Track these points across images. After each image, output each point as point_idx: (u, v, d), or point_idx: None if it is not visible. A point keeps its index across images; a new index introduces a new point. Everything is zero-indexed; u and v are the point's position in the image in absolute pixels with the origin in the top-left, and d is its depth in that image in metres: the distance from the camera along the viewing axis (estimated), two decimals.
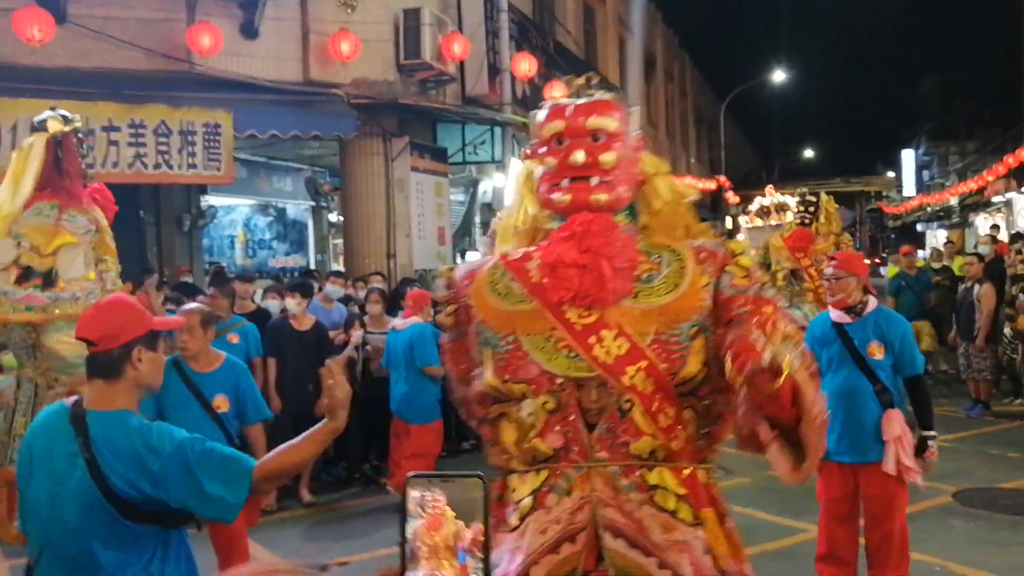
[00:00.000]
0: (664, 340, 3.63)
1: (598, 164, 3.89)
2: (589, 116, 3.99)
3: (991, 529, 8.92)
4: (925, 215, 54.81)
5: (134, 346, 3.86)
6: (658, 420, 3.63)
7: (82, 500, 3.70)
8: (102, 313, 3.98)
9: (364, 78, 15.99)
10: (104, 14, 13.19)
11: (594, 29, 30.39)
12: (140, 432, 3.76)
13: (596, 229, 3.78)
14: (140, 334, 3.89)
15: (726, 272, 3.72)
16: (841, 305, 6.96)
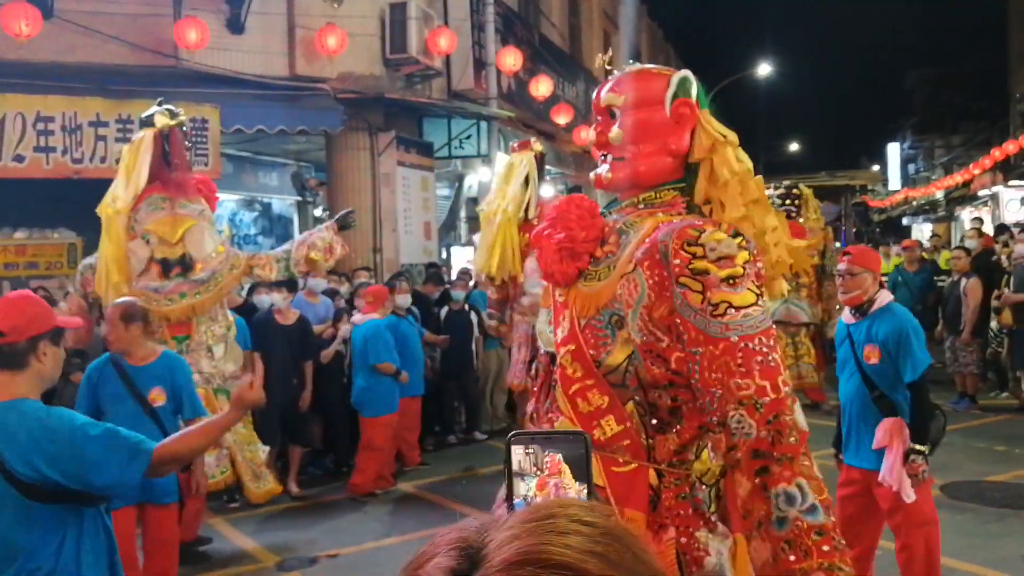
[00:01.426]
0: (594, 325, 3.59)
1: (608, 142, 3.84)
2: (600, 94, 3.93)
3: (979, 522, 8.96)
4: (910, 209, 54.91)
5: (40, 340, 4.00)
6: (577, 405, 3.60)
7: None
8: (11, 306, 4.09)
9: (350, 72, 15.98)
10: (91, 9, 13.15)
11: (579, 23, 30.36)
12: (35, 415, 3.88)
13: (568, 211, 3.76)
14: (46, 329, 4.04)
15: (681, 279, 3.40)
16: (855, 302, 6.60)
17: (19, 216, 13.35)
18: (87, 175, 12.61)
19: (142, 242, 8.28)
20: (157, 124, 8.51)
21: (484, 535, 1.08)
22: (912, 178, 63.57)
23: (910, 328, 6.40)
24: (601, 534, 1.07)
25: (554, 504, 1.14)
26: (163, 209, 8.39)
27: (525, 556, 1.02)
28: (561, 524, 1.07)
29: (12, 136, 12.32)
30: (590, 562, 1.03)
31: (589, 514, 1.11)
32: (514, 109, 20.27)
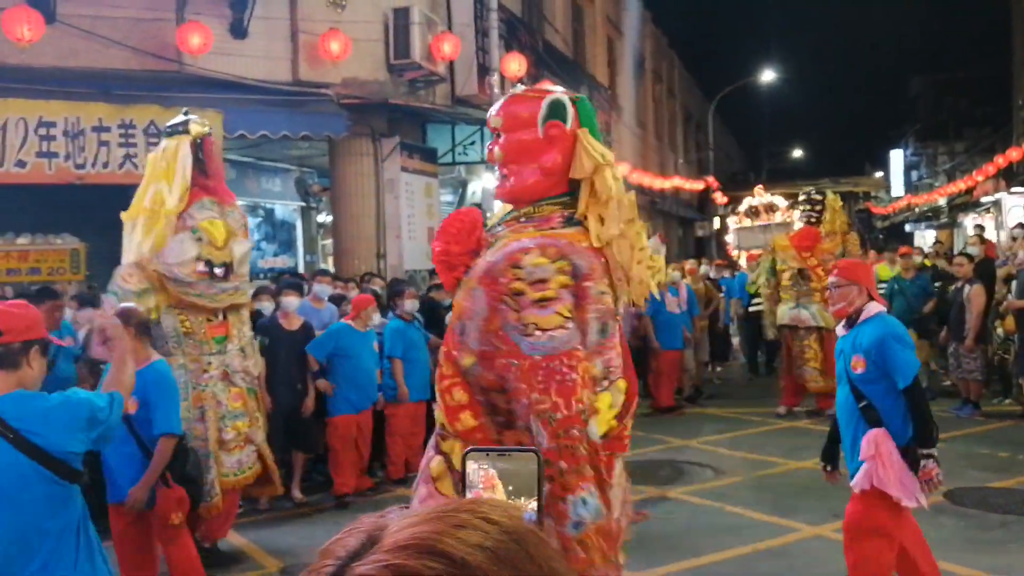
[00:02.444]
0: (455, 331, 3.99)
1: (493, 160, 4.20)
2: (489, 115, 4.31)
3: (982, 528, 8.94)
4: (913, 215, 54.86)
5: (33, 345, 4.14)
6: (445, 400, 4.05)
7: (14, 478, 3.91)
8: (14, 308, 4.26)
9: (354, 78, 15.98)
10: (93, 13, 13.14)
11: (583, 29, 30.39)
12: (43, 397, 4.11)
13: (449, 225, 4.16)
14: (39, 336, 4.20)
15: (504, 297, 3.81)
16: (842, 315, 6.61)
17: (22, 221, 13.34)
18: (90, 180, 12.60)
19: (191, 237, 8.32)
20: (192, 132, 8.57)
21: (387, 524, 1.11)
22: (915, 185, 63.54)
23: (891, 336, 6.37)
24: (500, 531, 1.09)
25: (469, 501, 1.19)
26: (213, 212, 8.48)
27: (413, 542, 1.05)
28: (463, 518, 1.10)
29: (14, 141, 12.31)
30: (475, 555, 1.04)
31: (496, 512, 1.13)
32: None
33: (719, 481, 11.07)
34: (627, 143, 33.94)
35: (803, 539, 8.79)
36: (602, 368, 3.71)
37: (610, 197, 3.94)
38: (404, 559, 1.03)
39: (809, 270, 14.58)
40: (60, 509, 3.99)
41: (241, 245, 8.74)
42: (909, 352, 6.36)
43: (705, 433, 13.70)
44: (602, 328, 3.77)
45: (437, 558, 1.03)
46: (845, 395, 6.58)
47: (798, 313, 14.52)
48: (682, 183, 42.29)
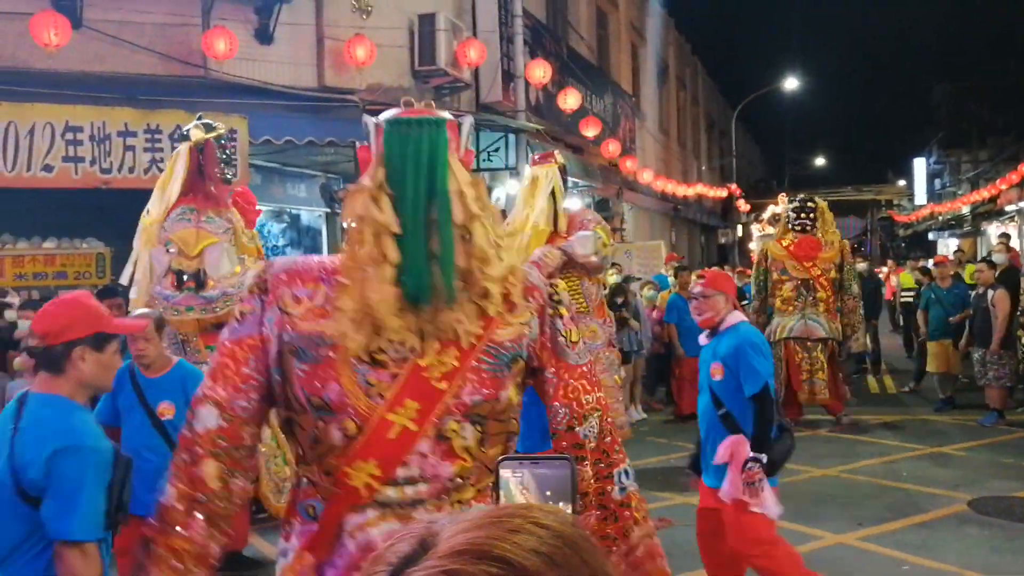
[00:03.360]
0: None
1: None
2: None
3: (1007, 537, 8.89)
4: (936, 224, 54.74)
5: (76, 345, 3.96)
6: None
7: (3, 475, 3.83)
8: (52, 309, 4.11)
9: (379, 84, 16.02)
10: (119, 19, 13.22)
11: (607, 35, 30.40)
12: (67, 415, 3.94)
13: None
14: (85, 334, 3.99)
15: None
16: (709, 324, 6.73)
17: (48, 226, 13.39)
18: (116, 185, 12.65)
19: (163, 249, 8.34)
20: (192, 138, 8.60)
21: (440, 529, 1.12)
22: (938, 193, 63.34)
23: (748, 344, 6.51)
24: (553, 536, 1.10)
25: (520, 506, 1.21)
26: (189, 220, 8.44)
27: (468, 547, 1.06)
28: (516, 523, 1.10)
29: (41, 146, 12.35)
30: (531, 560, 1.05)
31: (548, 517, 1.13)
32: (542, 122, 20.29)
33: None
34: (650, 150, 33.94)
35: (826, 547, 8.78)
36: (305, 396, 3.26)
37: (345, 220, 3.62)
38: (461, 564, 1.04)
39: (814, 280, 14.33)
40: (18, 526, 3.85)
41: (213, 250, 8.63)
42: (762, 361, 6.52)
43: None
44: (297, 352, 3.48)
45: (494, 563, 1.04)
46: (706, 403, 6.73)
47: (806, 325, 14.23)
48: (705, 190, 42.24)
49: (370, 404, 3.21)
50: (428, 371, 3.22)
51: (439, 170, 3.35)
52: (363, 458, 3.22)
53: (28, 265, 12.97)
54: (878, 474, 11.40)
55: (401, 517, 3.20)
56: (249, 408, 3.36)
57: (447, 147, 3.38)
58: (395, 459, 3.21)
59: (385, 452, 3.21)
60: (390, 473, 3.22)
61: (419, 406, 3.20)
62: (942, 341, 15.54)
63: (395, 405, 3.20)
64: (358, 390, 3.22)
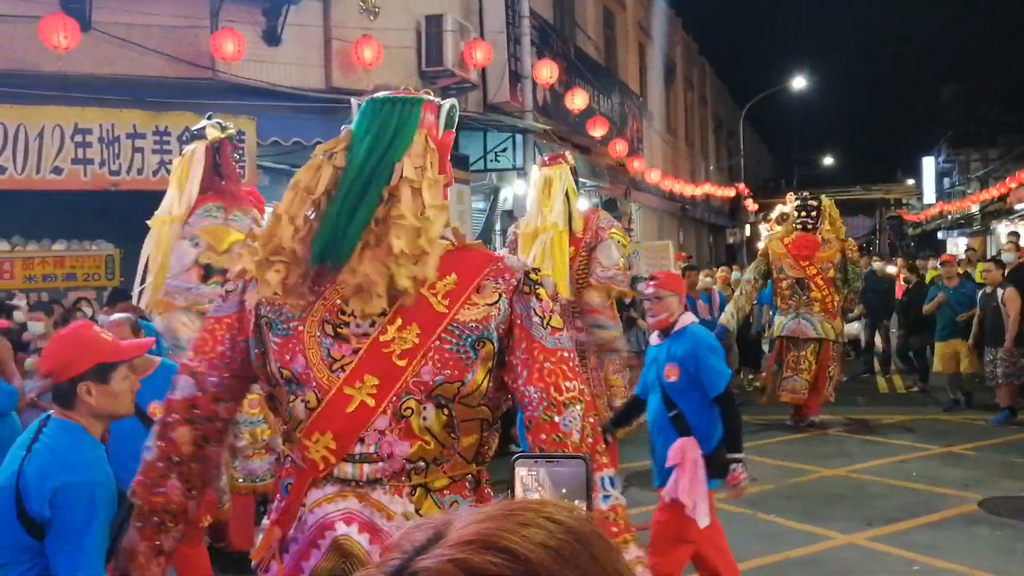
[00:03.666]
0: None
1: None
2: None
3: (1018, 537, 8.87)
4: (946, 223, 54.62)
5: (79, 382, 4.00)
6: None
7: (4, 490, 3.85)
8: (54, 347, 4.18)
9: (386, 85, 15.79)
10: (128, 21, 13.24)
11: (614, 35, 30.39)
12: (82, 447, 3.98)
13: None
14: (85, 369, 4.01)
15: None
16: (662, 325, 6.80)
17: (57, 228, 13.42)
18: (124, 187, 12.67)
19: (190, 244, 8.33)
20: (208, 136, 8.60)
21: (452, 521, 1.13)
22: (947, 192, 63.22)
23: (706, 345, 6.66)
24: (564, 531, 1.10)
25: (534, 501, 1.22)
26: (217, 218, 8.45)
27: (477, 538, 1.07)
28: (527, 517, 1.11)
29: (50, 148, 12.38)
30: (539, 553, 1.06)
31: (561, 513, 1.14)
32: (549, 122, 20.27)
33: (751, 488, 11.00)
34: (657, 149, 33.93)
35: (836, 547, 8.77)
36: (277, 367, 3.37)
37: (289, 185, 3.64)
38: (467, 554, 1.05)
39: (808, 279, 14.23)
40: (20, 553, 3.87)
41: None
42: (721, 362, 6.71)
43: None
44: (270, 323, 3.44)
45: (500, 554, 1.05)
46: (657, 404, 6.79)
47: (798, 324, 14.16)
48: (713, 190, 42.21)
49: (331, 377, 3.24)
50: (389, 347, 3.23)
51: (397, 142, 3.37)
52: (320, 431, 3.24)
53: (38, 267, 13.02)
54: (888, 474, 11.38)
55: (360, 496, 3.23)
56: (220, 384, 3.46)
57: (416, 124, 3.40)
58: (351, 433, 3.22)
59: (342, 426, 3.22)
60: (347, 447, 3.23)
61: (378, 382, 3.21)
62: (950, 341, 15.40)
63: (354, 379, 3.22)
64: (321, 363, 3.26)
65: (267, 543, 3.35)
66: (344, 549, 3.21)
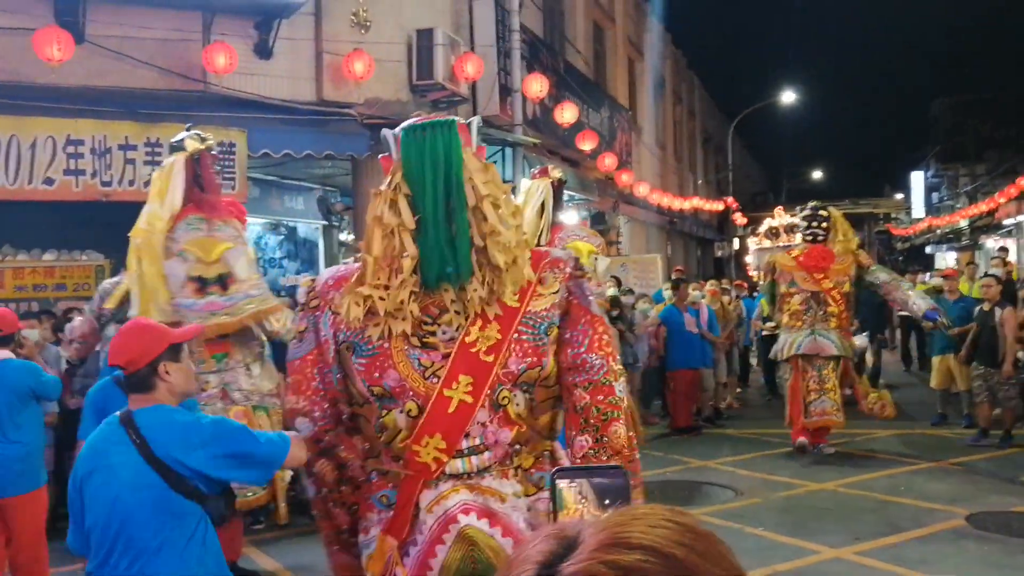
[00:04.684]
0: None
1: None
2: None
3: (1005, 552, 8.90)
4: (934, 237, 54.82)
5: (159, 362, 4.33)
6: None
7: (134, 480, 4.14)
8: (125, 339, 4.43)
9: (377, 98, 16.06)
10: (121, 34, 13.28)
11: (604, 50, 30.45)
12: (181, 413, 4.34)
13: None
14: (162, 350, 4.35)
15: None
16: None
17: (48, 238, 13.44)
18: (116, 198, 12.69)
19: (179, 260, 8.35)
20: (188, 148, 8.60)
21: (580, 528, 1.17)
22: (936, 206, 63.45)
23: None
24: (687, 530, 1.16)
25: (643, 506, 1.25)
26: (200, 230, 8.46)
27: (616, 540, 1.11)
28: (652, 519, 1.16)
29: (42, 159, 12.41)
30: (677, 549, 1.11)
31: (676, 515, 1.19)
32: (539, 135, 20.32)
33: (739, 502, 11.08)
34: (647, 163, 33.99)
35: (823, 561, 8.80)
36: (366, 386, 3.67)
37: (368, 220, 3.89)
38: (615, 555, 1.09)
39: (824, 293, 13.30)
40: (167, 518, 4.17)
41: (237, 253, 8.68)
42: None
43: (724, 454, 13.70)
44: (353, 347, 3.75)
45: (643, 552, 1.10)
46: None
47: (815, 341, 13.16)
48: (702, 204, 42.28)
49: (427, 384, 3.56)
50: (475, 346, 3.56)
51: (454, 163, 3.66)
52: (429, 434, 3.54)
53: (28, 277, 13.05)
54: (876, 488, 11.41)
55: (471, 487, 3.57)
56: (325, 415, 3.82)
57: (459, 142, 3.68)
58: (458, 431, 3.54)
59: (447, 425, 3.53)
60: (455, 445, 3.55)
61: (472, 379, 3.53)
62: (946, 356, 15.17)
63: (450, 381, 3.53)
64: (414, 373, 3.58)
65: (382, 554, 3.59)
66: (469, 538, 3.50)
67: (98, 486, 4.24)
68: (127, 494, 4.15)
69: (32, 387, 7.72)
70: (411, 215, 3.63)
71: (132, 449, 4.17)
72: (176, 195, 8.52)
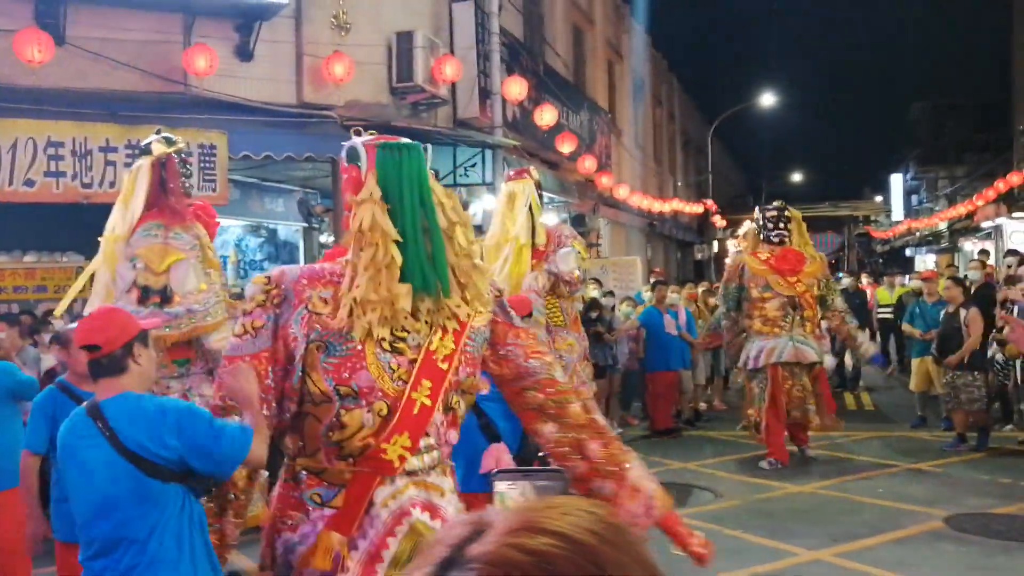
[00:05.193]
0: None
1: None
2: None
3: (984, 554, 8.94)
4: (914, 240, 54.96)
5: (133, 343, 4.39)
6: None
7: (108, 472, 4.18)
8: (100, 321, 4.51)
9: (357, 100, 16.07)
10: (102, 36, 13.26)
11: (583, 52, 30.45)
12: (148, 399, 4.35)
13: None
14: (135, 334, 4.42)
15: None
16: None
17: (29, 240, 13.43)
18: (96, 200, 12.66)
19: (129, 265, 8.30)
20: (154, 152, 8.56)
21: (496, 516, 1.20)
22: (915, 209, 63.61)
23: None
24: (600, 520, 1.18)
25: (563, 497, 1.28)
26: (156, 236, 8.39)
27: (526, 524, 1.14)
28: (566, 508, 1.19)
29: (23, 161, 12.40)
30: (588, 536, 1.13)
31: (592, 506, 1.22)
32: (519, 138, 20.32)
33: (717, 504, 11.10)
34: (627, 166, 34.02)
35: (801, 563, 8.83)
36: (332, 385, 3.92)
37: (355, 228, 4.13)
38: (522, 538, 1.12)
39: (799, 297, 12.86)
40: (150, 507, 4.19)
41: (179, 266, 8.57)
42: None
43: (704, 456, 13.72)
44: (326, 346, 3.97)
45: (553, 536, 1.12)
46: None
47: (796, 348, 12.67)
48: (681, 206, 42.33)
49: (395, 387, 3.90)
50: (436, 354, 3.97)
51: (425, 185, 4.06)
52: (399, 432, 3.88)
53: (8, 278, 13.04)
54: (854, 490, 11.45)
55: (419, 484, 3.96)
56: (272, 413, 4.00)
57: (426, 167, 4.13)
58: (420, 431, 3.92)
59: (412, 425, 3.90)
60: (416, 444, 3.92)
61: (431, 384, 3.93)
62: (925, 359, 15.19)
63: (416, 385, 3.90)
64: (385, 375, 3.89)
65: (327, 549, 3.81)
66: (417, 530, 3.80)
67: (76, 483, 4.31)
68: (106, 489, 4.19)
69: (8, 387, 7.70)
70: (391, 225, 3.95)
71: (103, 441, 4.19)
72: (138, 200, 8.47)
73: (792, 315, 12.87)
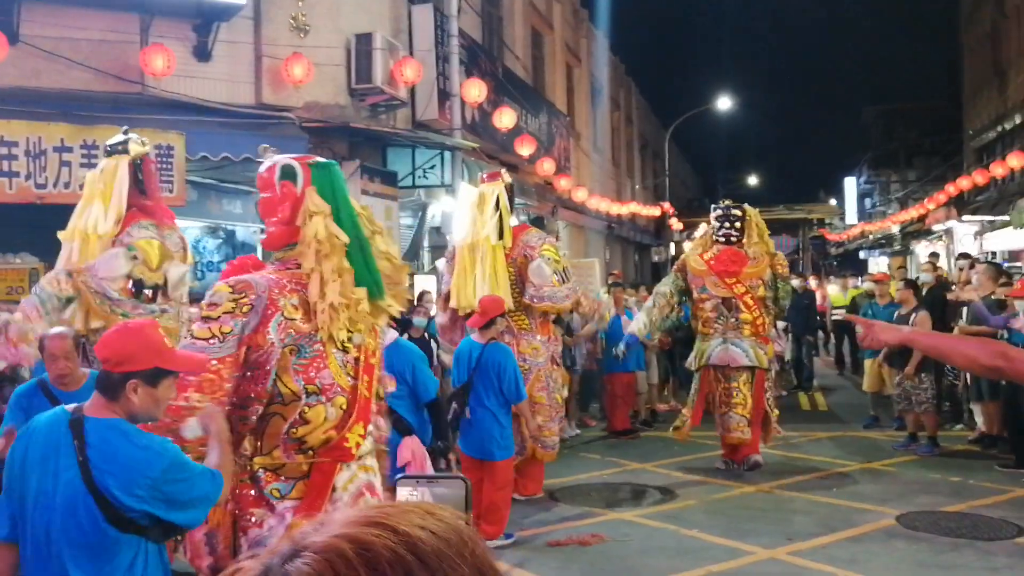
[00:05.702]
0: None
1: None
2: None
3: (933, 551, 9.06)
4: (867, 242, 55.41)
5: (131, 378, 4.05)
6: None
7: (68, 500, 3.93)
8: (120, 336, 4.22)
9: (316, 102, 16.04)
10: (57, 35, 13.18)
11: (542, 55, 30.51)
12: (137, 437, 4.03)
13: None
14: (142, 368, 4.06)
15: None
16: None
17: None
18: (51, 200, 12.58)
19: (126, 254, 8.26)
20: (132, 152, 8.55)
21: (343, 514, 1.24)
22: (869, 212, 64.19)
23: (416, 358, 8.28)
24: (437, 520, 1.23)
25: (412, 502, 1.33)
26: (152, 233, 8.43)
27: (362, 520, 1.19)
28: (407, 508, 1.25)
29: None
30: (419, 533, 1.19)
31: (436, 509, 1.26)
32: (478, 140, 20.36)
33: (674, 504, 11.16)
34: (585, 169, 34.10)
35: (757, 562, 8.90)
36: (301, 385, 4.35)
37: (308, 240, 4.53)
38: (353, 529, 1.17)
39: (737, 299, 12.61)
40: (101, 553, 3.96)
41: (177, 268, 8.61)
42: (429, 371, 8.57)
43: (660, 456, 13.76)
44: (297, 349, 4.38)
45: (384, 529, 1.17)
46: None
47: (727, 351, 12.51)
48: (639, 209, 42.42)
49: (348, 383, 4.38)
50: (370, 351, 4.51)
51: (349, 200, 4.67)
52: (358, 422, 4.38)
53: None
54: (808, 490, 11.55)
55: (363, 467, 4.52)
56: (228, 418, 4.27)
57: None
58: (368, 420, 4.45)
59: (364, 416, 4.41)
60: (366, 431, 4.45)
61: (368, 378, 4.47)
62: (877, 360, 15.32)
63: (360, 379, 4.41)
64: (340, 372, 4.37)
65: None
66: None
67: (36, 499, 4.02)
68: (62, 518, 3.94)
69: None
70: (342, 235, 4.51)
71: (74, 464, 3.93)
72: (122, 200, 8.47)
73: (726, 316, 12.63)
